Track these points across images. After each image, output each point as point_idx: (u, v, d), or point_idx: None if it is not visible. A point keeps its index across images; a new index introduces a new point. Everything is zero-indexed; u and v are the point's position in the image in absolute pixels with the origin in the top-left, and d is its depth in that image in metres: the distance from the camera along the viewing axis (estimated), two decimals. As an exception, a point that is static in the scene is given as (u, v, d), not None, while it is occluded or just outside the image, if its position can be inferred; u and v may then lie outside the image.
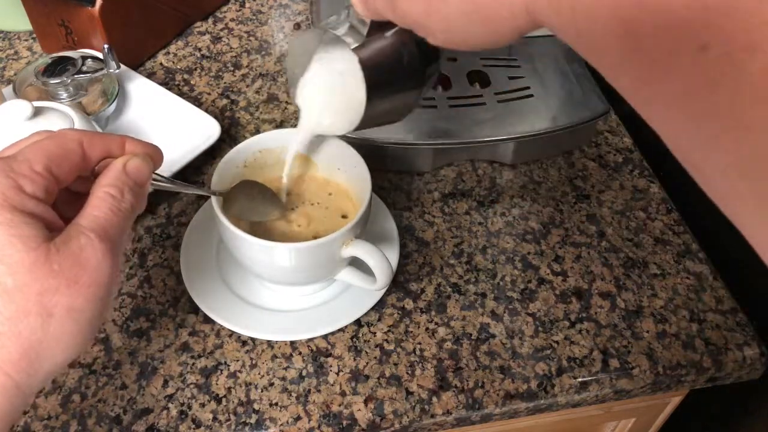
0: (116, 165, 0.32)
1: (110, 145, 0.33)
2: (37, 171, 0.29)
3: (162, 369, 0.45)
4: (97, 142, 0.32)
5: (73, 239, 0.28)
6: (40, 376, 0.28)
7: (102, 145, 0.32)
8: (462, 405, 0.44)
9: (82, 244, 0.28)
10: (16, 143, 0.32)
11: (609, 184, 0.58)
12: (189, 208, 0.55)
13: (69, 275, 0.28)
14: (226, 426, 0.43)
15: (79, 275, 0.28)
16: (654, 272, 0.52)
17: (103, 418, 0.43)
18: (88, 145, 0.32)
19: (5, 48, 0.70)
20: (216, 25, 0.74)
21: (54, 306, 0.27)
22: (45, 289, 0.27)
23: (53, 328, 0.27)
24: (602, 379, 0.46)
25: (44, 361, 0.28)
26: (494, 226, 0.55)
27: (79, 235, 0.29)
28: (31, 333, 0.27)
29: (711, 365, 0.47)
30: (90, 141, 0.32)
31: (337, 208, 0.48)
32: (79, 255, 0.28)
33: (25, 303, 0.27)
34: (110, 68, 0.57)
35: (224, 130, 0.60)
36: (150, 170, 0.34)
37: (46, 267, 0.27)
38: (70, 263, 0.28)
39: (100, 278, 0.29)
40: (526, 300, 0.50)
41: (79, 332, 0.28)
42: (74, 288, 0.28)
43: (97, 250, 0.29)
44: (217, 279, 0.49)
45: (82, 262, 0.28)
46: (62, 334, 0.28)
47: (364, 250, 0.43)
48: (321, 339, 0.47)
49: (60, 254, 0.28)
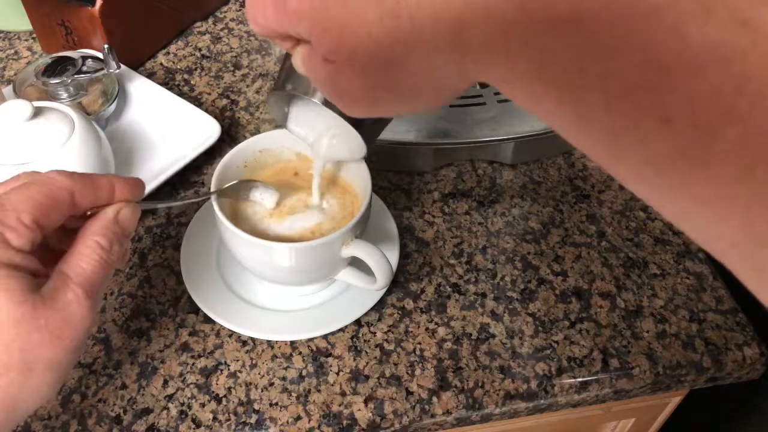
0: (107, 214, 0.32)
1: (100, 193, 0.33)
2: (25, 223, 0.28)
3: (162, 369, 0.45)
4: (87, 191, 0.32)
5: (60, 292, 0.29)
6: (13, 423, 0.29)
7: (92, 195, 0.32)
8: (462, 405, 0.44)
9: (69, 300, 0.29)
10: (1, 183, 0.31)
11: (609, 184, 0.58)
12: (189, 208, 0.55)
13: (53, 330, 0.28)
14: (226, 426, 0.43)
15: (63, 330, 0.29)
16: (654, 272, 0.52)
17: (103, 418, 0.43)
18: (79, 194, 0.31)
19: (5, 48, 0.70)
20: (216, 25, 0.74)
21: (35, 361, 0.28)
22: (29, 345, 0.27)
23: (32, 382, 0.28)
24: (602, 379, 0.46)
25: (19, 411, 0.28)
26: (494, 226, 0.55)
27: (66, 289, 0.29)
28: (9, 387, 0.27)
29: (711, 365, 0.47)
30: (81, 190, 0.31)
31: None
32: (65, 310, 0.29)
33: (8, 359, 0.27)
34: (110, 68, 0.57)
35: (224, 130, 0.60)
36: (137, 218, 0.34)
37: (32, 323, 0.27)
38: (56, 319, 0.28)
39: (82, 332, 0.30)
40: (526, 300, 0.50)
41: (56, 381, 0.29)
42: (57, 343, 0.28)
43: (82, 306, 0.29)
44: (217, 279, 0.49)
45: (67, 318, 0.29)
46: (40, 385, 0.29)
47: (364, 250, 0.43)
48: (321, 339, 0.47)
49: (46, 308, 0.28)
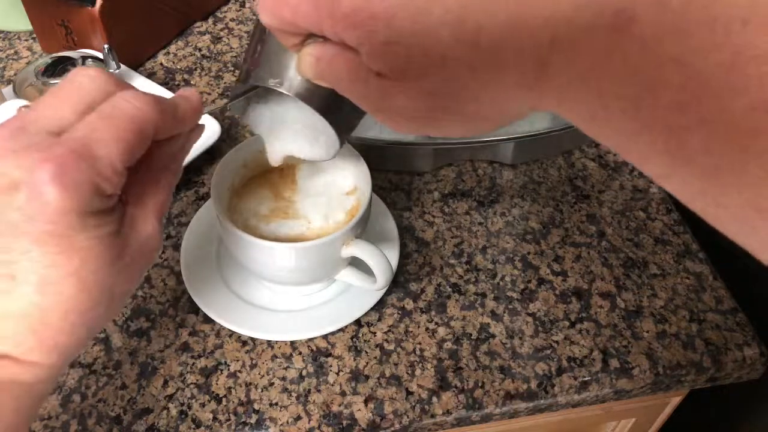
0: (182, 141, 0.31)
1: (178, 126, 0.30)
2: (118, 171, 0.26)
3: (162, 369, 0.45)
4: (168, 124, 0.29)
5: (140, 226, 0.29)
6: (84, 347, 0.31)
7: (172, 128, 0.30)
8: (462, 405, 0.44)
9: (149, 233, 0.29)
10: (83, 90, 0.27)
11: (609, 184, 0.58)
12: (189, 208, 0.55)
13: (134, 266, 0.29)
14: (226, 426, 0.43)
15: (141, 265, 0.29)
16: (654, 272, 0.52)
17: (103, 418, 0.43)
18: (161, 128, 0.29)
19: (5, 48, 0.70)
20: (216, 25, 0.74)
21: (117, 294, 0.29)
22: (115, 282, 0.28)
23: (110, 311, 0.29)
24: (602, 379, 0.46)
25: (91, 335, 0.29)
26: (494, 226, 0.55)
27: (146, 221, 0.29)
28: (95, 319, 0.28)
29: (711, 365, 0.47)
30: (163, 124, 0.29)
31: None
32: (145, 245, 0.29)
33: (99, 295, 0.27)
34: (110, 68, 0.57)
35: (224, 130, 0.60)
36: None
37: (119, 263, 0.28)
38: (138, 254, 0.29)
39: (152, 260, 0.30)
40: (526, 300, 0.50)
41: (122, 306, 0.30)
42: (135, 277, 0.29)
43: (157, 236, 0.30)
44: (217, 279, 0.49)
45: (146, 252, 0.29)
46: (113, 313, 0.30)
47: (364, 250, 0.43)
48: (321, 339, 0.47)
49: (131, 246, 0.28)
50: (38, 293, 0.25)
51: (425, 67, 0.22)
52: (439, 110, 0.24)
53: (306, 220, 0.46)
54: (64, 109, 0.26)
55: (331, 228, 0.45)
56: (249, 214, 0.46)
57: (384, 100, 0.25)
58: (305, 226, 0.45)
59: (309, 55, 0.27)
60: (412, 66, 0.23)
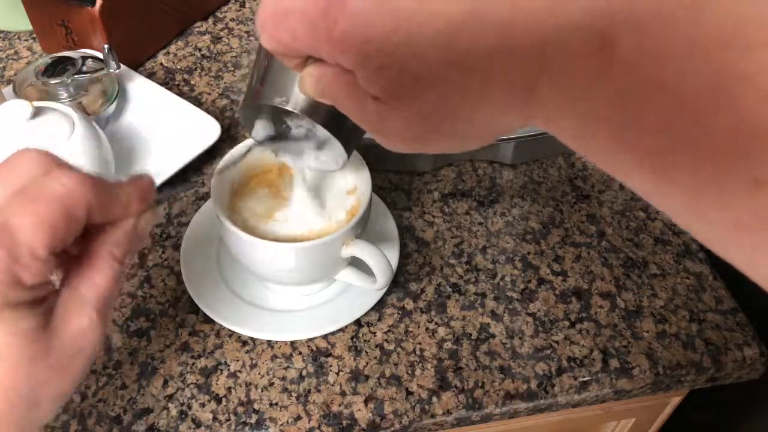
0: (126, 227, 0.29)
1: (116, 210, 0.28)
2: (40, 257, 0.24)
3: (162, 369, 0.45)
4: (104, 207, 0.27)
5: (74, 320, 0.27)
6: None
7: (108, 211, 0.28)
8: (462, 405, 0.44)
9: (83, 328, 0.27)
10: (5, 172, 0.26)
11: (609, 184, 0.58)
12: (189, 208, 0.55)
13: (65, 364, 0.26)
14: (226, 426, 0.43)
15: (74, 361, 0.27)
16: (654, 272, 0.52)
17: (103, 418, 0.43)
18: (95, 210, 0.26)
19: (5, 48, 0.70)
20: (216, 25, 0.74)
21: (43, 396, 0.26)
22: (39, 383, 0.26)
23: (37, 414, 0.27)
24: (602, 379, 0.46)
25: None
26: (494, 226, 0.55)
27: (81, 315, 0.27)
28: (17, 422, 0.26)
29: (711, 365, 0.47)
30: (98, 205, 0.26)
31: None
32: (78, 340, 0.27)
33: (17, 398, 0.25)
34: (110, 68, 0.57)
35: (224, 130, 0.60)
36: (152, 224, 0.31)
37: (44, 362, 0.26)
38: (68, 352, 0.26)
39: (93, 357, 0.28)
40: (526, 300, 0.50)
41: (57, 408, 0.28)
42: (67, 376, 0.27)
43: (95, 331, 0.27)
44: (217, 279, 0.49)
45: (80, 347, 0.27)
46: (44, 416, 0.27)
47: (364, 250, 0.43)
48: (321, 339, 0.47)
49: (59, 341, 0.26)
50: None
51: (418, 91, 0.23)
52: (433, 132, 0.25)
53: (306, 220, 0.46)
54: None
55: (332, 227, 0.45)
56: (248, 214, 0.46)
57: (380, 122, 0.25)
58: (306, 225, 0.45)
59: (310, 75, 0.27)
60: (405, 90, 0.23)
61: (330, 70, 0.26)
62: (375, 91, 0.24)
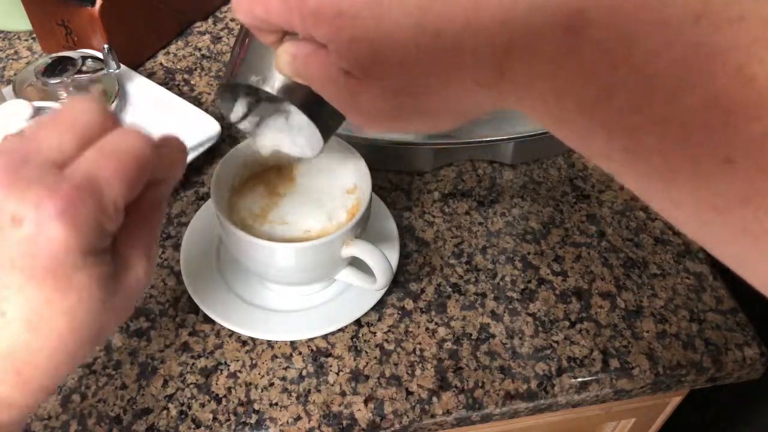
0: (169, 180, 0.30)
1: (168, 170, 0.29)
2: (120, 209, 0.26)
3: (162, 369, 0.45)
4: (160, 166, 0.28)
5: (132, 268, 0.28)
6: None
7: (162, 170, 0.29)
8: (462, 405, 0.44)
9: (140, 277, 0.28)
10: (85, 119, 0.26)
11: (609, 184, 0.58)
12: (189, 208, 0.55)
13: (122, 308, 0.28)
14: (226, 426, 0.43)
15: (128, 308, 0.29)
16: (654, 272, 0.52)
17: (103, 418, 0.43)
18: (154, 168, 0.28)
19: (5, 48, 0.70)
20: (216, 25, 0.74)
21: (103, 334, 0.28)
22: (104, 322, 0.27)
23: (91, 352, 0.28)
24: (602, 379, 0.46)
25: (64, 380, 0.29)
26: (494, 226, 0.55)
27: (137, 264, 0.28)
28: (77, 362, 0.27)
29: (711, 365, 0.47)
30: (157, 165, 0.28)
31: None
32: (134, 287, 0.28)
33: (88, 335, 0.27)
34: (110, 68, 0.57)
35: (224, 130, 0.60)
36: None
37: (110, 305, 0.27)
38: (127, 298, 0.28)
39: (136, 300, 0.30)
40: (526, 300, 0.50)
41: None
42: (119, 320, 0.29)
43: (148, 278, 0.29)
44: (217, 279, 0.49)
45: (135, 293, 0.28)
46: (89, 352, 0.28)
47: (364, 250, 0.43)
48: (321, 339, 0.47)
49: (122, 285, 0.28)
50: (29, 331, 0.24)
51: (388, 67, 0.23)
52: (404, 109, 0.25)
53: (306, 220, 0.46)
54: (65, 142, 0.25)
55: (333, 227, 0.45)
56: (246, 213, 0.46)
57: (352, 98, 0.26)
58: (306, 225, 0.45)
59: (285, 53, 0.27)
60: (375, 65, 0.23)
61: (305, 47, 0.26)
62: (347, 65, 0.24)
